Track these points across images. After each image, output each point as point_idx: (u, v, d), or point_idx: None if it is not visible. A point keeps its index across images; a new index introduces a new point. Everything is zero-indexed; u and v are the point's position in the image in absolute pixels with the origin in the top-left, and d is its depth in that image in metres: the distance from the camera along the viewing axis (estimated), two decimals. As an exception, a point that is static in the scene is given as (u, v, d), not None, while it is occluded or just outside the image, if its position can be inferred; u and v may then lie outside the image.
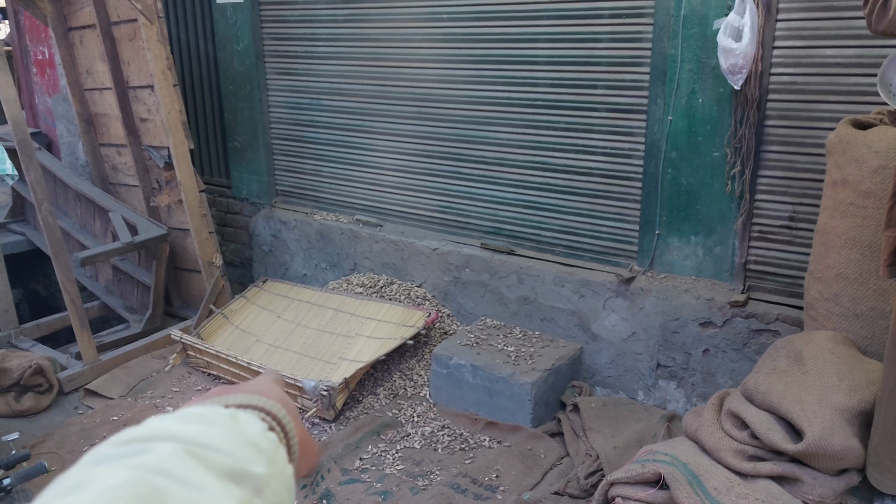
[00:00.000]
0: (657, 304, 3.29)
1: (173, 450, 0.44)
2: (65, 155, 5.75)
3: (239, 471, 0.47)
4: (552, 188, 3.62)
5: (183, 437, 0.46)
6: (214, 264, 4.35)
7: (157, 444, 0.45)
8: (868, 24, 2.02)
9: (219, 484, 0.44)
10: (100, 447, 0.46)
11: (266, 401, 0.57)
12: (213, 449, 0.47)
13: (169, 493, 0.41)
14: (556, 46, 3.43)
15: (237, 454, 0.48)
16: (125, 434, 0.47)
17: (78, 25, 4.60)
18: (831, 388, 2.24)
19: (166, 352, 4.13)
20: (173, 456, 0.44)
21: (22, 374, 3.55)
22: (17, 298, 4.46)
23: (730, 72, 2.85)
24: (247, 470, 0.47)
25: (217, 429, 0.49)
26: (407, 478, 2.98)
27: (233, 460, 0.47)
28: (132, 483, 0.40)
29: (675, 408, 3.34)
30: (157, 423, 0.49)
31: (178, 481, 0.42)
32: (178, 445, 0.45)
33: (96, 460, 0.44)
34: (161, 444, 0.45)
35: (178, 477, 0.42)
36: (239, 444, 0.49)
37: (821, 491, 2.18)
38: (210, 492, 0.43)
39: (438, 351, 3.49)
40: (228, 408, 0.54)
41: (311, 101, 4.47)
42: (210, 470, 0.45)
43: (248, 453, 0.49)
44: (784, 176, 3.00)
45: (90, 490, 0.39)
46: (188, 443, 0.46)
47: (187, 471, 0.43)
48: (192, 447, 0.45)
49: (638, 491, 2.30)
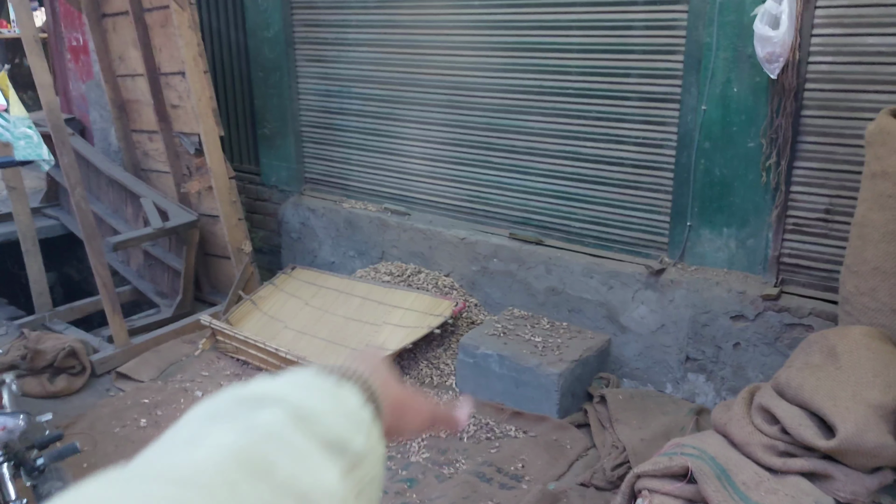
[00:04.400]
0: (687, 296, 3.25)
1: (282, 415, 0.45)
2: (98, 141, 5.83)
3: (340, 442, 0.47)
4: (582, 178, 3.59)
5: (290, 402, 0.47)
6: (243, 251, 4.39)
7: (267, 407, 0.46)
8: None
9: (322, 453, 0.45)
10: (211, 401, 0.47)
11: (362, 372, 0.57)
12: (318, 418, 0.47)
13: (277, 459, 0.42)
14: (588, 34, 3.39)
15: (339, 426, 0.49)
16: (236, 392, 0.48)
17: (111, 12, 4.65)
18: (866, 384, 2.20)
19: (196, 336, 4.19)
20: (282, 422, 0.45)
21: (56, 356, 3.62)
22: (51, 282, 4.55)
23: (766, 60, 2.79)
24: (347, 442, 0.48)
25: (322, 398, 0.50)
26: (432, 466, 2.99)
27: (335, 431, 0.48)
28: (244, 446, 0.41)
29: (704, 401, 3.30)
30: (266, 384, 0.50)
31: (286, 448, 0.43)
32: (287, 412, 0.46)
33: (209, 416, 0.45)
34: (270, 408, 0.46)
35: (285, 443, 0.43)
36: (341, 416, 0.50)
37: (853, 488, 2.14)
38: (314, 461, 0.44)
39: (465, 340, 3.49)
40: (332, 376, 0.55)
41: (341, 88, 4.47)
42: (314, 439, 0.46)
43: (349, 426, 0.50)
44: (821, 167, 2.94)
45: (205, 448, 0.41)
46: (296, 409, 0.47)
47: (294, 438, 0.44)
48: (299, 414, 0.46)
49: (665, 484, 2.27)
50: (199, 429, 0.44)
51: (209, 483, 0.37)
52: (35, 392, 3.60)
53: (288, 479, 0.41)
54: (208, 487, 0.37)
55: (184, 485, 0.36)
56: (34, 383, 3.61)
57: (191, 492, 0.36)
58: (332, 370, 0.56)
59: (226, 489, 0.37)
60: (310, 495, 0.41)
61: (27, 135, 3.28)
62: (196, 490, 0.36)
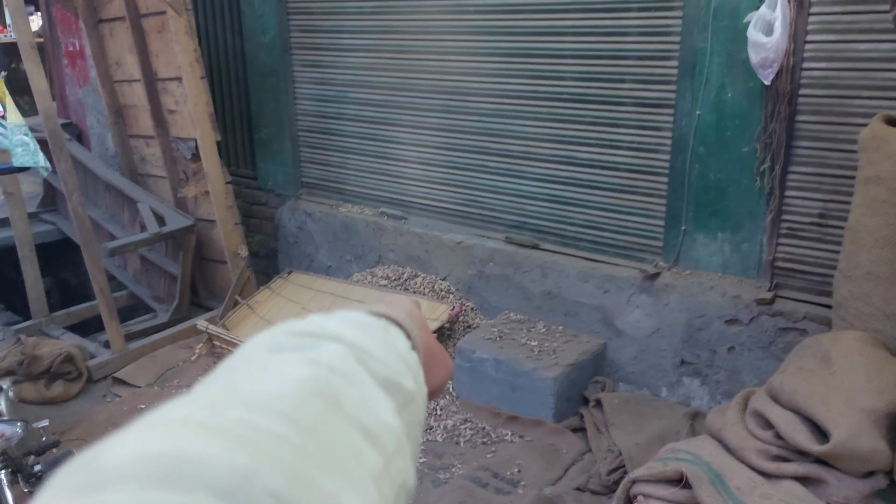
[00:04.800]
0: (682, 300, 3.26)
1: (343, 351, 0.46)
2: (95, 146, 5.84)
3: (394, 381, 0.49)
4: (577, 183, 3.60)
5: (348, 340, 0.48)
6: (240, 255, 4.40)
7: (326, 342, 0.47)
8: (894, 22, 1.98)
9: (378, 391, 0.46)
10: (270, 334, 0.48)
11: (400, 314, 0.58)
12: (374, 356, 0.48)
13: (343, 391, 0.43)
14: (583, 40, 3.40)
15: (393, 365, 0.50)
16: (292, 325, 0.49)
17: (108, 17, 4.65)
18: (859, 390, 2.21)
19: (193, 341, 4.19)
20: (343, 357, 0.46)
21: (52, 362, 3.62)
22: (47, 287, 4.55)
23: (760, 66, 2.80)
24: (400, 382, 0.49)
25: (375, 338, 0.51)
26: (429, 471, 3.00)
27: (390, 371, 0.49)
28: (314, 378, 0.42)
29: (699, 405, 3.31)
30: (321, 321, 0.50)
31: (350, 382, 0.44)
32: (346, 348, 0.47)
33: (272, 347, 0.46)
34: (330, 344, 0.47)
35: (349, 378, 0.44)
36: (393, 357, 0.51)
37: (846, 493, 2.15)
38: (375, 396, 0.45)
39: (462, 344, 3.50)
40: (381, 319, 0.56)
41: (337, 93, 4.48)
42: (372, 376, 0.46)
43: (400, 366, 0.51)
44: (815, 172, 2.95)
45: (279, 377, 0.41)
46: (353, 347, 0.48)
47: (355, 374, 0.45)
48: (357, 352, 0.47)
49: (660, 489, 2.28)
50: (268, 358, 0.44)
51: (289, 411, 0.38)
52: (31, 398, 3.60)
53: (354, 412, 0.42)
54: (289, 415, 0.38)
55: (266, 412, 0.37)
56: (31, 389, 3.61)
57: (273, 419, 0.37)
58: (378, 311, 0.57)
59: (303, 416, 0.38)
60: (372, 429, 0.42)
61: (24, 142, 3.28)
62: (277, 417, 0.37)
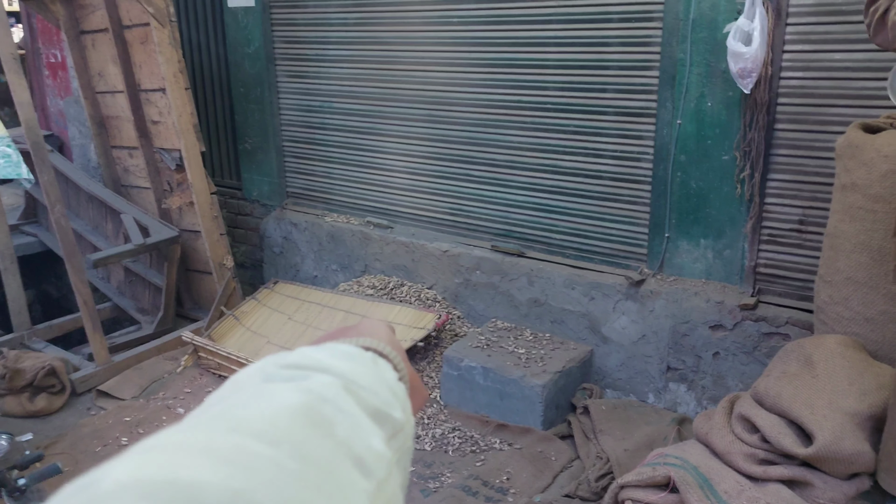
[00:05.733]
0: (667, 306, 3.30)
1: (333, 382, 0.47)
2: (77, 157, 5.80)
3: (383, 412, 0.49)
4: (562, 191, 3.63)
5: (338, 371, 0.49)
6: (225, 266, 4.38)
7: (316, 373, 0.48)
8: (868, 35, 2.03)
9: (368, 421, 0.47)
10: (260, 365, 0.49)
11: (386, 347, 0.59)
12: (363, 387, 0.49)
13: (334, 420, 0.43)
14: (566, 50, 3.45)
15: (382, 396, 0.51)
16: (282, 357, 0.50)
17: (90, 29, 4.63)
18: (842, 392, 2.25)
19: (178, 353, 4.16)
20: (333, 388, 0.46)
21: (35, 375, 3.59)
22: (29, 300, 4.50)
23: (739, 75, 2.86)
24: (389, 413, 0.50)
25: (364, 369, 0.52)
26: (418, 480, 3.00)
27: (379, 401, 0.50)
28: (307, 406, 0.43)
29: (686, 411, 3.34)
30: (311, 353, 0.51)
31: (340, 412, 0.45)
32: (336, 379, 0.48)
33: (264, 378, 0.47)
34: (320, 375, 0.48)
35: (339, 408, 0.45)
36: (382, 388, 0.52)
37: (832, 495, 2.18)
38: (365, 426, 0.46)
39: (449, 353, 3.51)
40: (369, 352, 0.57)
41: (322, 103, 4.49)
42: (361, 407, 0.47)
43: (389, 397, 0.52)
44: (794, 179, 3.01)
45: (273, 403, 0.42)
46: (343, 378, 0.48)
47: (345, 404, 0.46)
48: (346, 382, 0.48)
49: (648, 494, 2.31)
50: (260, 389, 0.45)
51: (283, 437, 0.39)
52: (14, 412, 3.56)
53: (346, 440, 0.43)
54: (283, 441, 0.39)
55: (260, 438, 0.38)
56: (14, 403, 3.57)
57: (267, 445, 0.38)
58: (366, 345, 0.58)
59: (296, 443, 0.39)
60: (363, 457, 0.43)
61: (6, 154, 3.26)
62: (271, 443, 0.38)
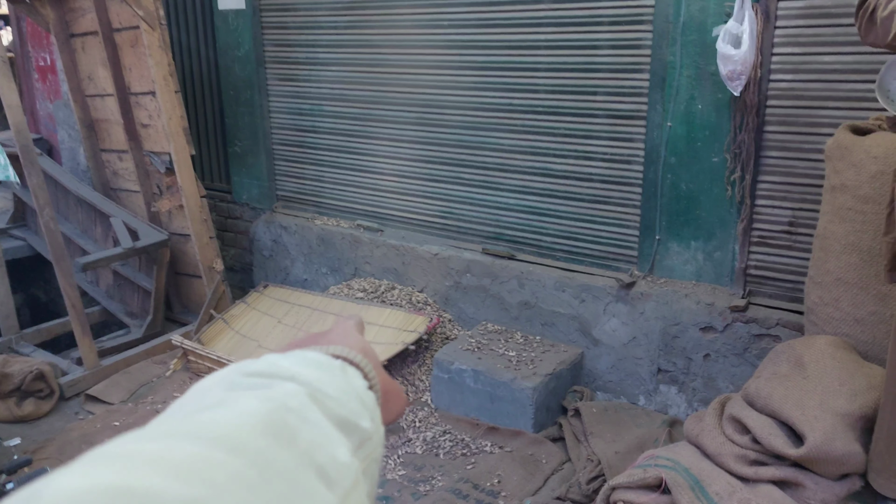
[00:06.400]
0: (657, 308, 3.30)
1: (298, 391, 0.46)
2: (66, 160, 5.76)
3: (350, 421, 0.49)
4: (553, 194, 3.63)
5: (303, 379, 0.48)
6: (215, 269, 4.36)
7: (281, 382, 0.47)
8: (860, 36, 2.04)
9: (334, 430, 0.46)
10: (224, 373, 0.48)
11: (357, 355, 0.58)
12: (330, 396, 0.48)
13: (298, 429, 0.43)
14: (556, 53, 3.45)
15: (349, 405, 0.50)
16: (247, 366, 0.49)
17: (80, 32, 4.61)
18: (832, 393, 2.25)
19: (167, 357, 4.14)
20: (298, 396, 0.46)
21: (23, 380, 3.55)
22: (17, 304, 4.46)
23: (729, 78, 2.86)
24: (356, 422, 0.49)
25: (332, 378, 0.51)
26: (408, 483, 2.99)
27: (346, 410, 0.49)
28: (269, 415, 0.42)
29: (677, 413, 3.34)
30: (277, 360, 0.50)
31: (304, 420, 0.44)
32: (301, 388, 0.47)
33: (227, 385, 0.46)
34: (284, 383, 0.47)
35: (303, 416, 0.44)
36: (349, 397, 0.51)
37: (823, 496, 2.18)
38: (329, 435, 0.45)
39: (440, 356, 3.50)
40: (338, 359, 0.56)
41: (313, 106, 4.48)
42: (327, 416, 0.46)
43: (357, 406, 0.51)
44: (784, 181, 3.02)
45: (234, 411, 0.41)
46: (309, 386, 0.48)
47: (310, 413, 0.45)
48: (312, 391, 0.47)
49: (640, 496, 2.30)
50: (223, 395, 0.44)
51: (243, 446, 0.38)
52: (2, 416, 3.53)
53: (309, 450, 0.42)
54: (242, 450, 0.38)
55: (220, 446, 0.37)
56: (1, 407, 3.54)
57: (227, 453, 0.37)
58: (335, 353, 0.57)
59: (257, 452, 0.38)
60: (326, 467, 0.42)
61: (-6, 156, 3.23)
62: (231, 451, 0.37)
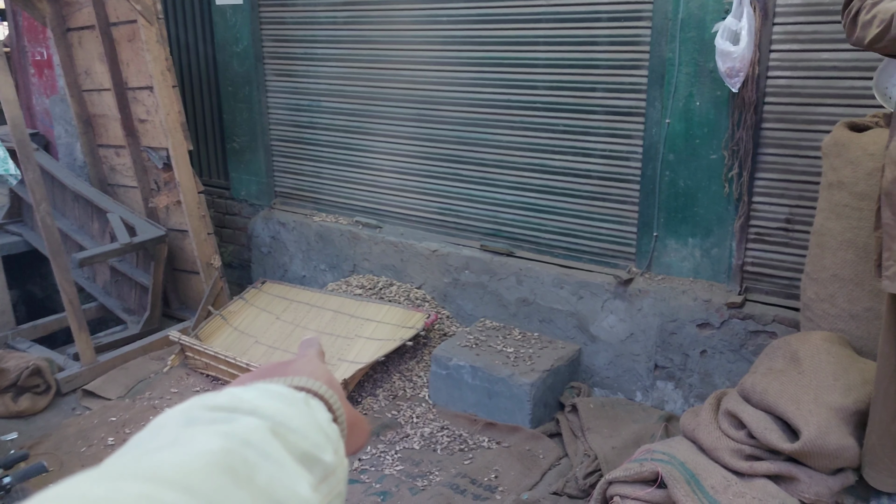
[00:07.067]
0: (655, 305, 3.31)
1: (258, 425, 0.46)
2: (62, 156, 5.75)
3: (312, 456, 0.48)
4: (551, 190, 3.64)
5: (265, 413, 0.48)
6: (213, 265, 4.36)
7: (242, 415, 0.47)
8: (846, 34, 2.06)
9: (295, 465, 0.46)
10: (184, 407, 0.47)
11: (322, 386, 0.58)
12: (292, 430, 0.48)
13: (256, 466, 0.42)
14: (555, 49, 3.46)
15: (312, 439, 0.49)
16: (209, 399, 0.48)
17: (77, 26, 4.60)
18: (827, 388, 2.27)
19: (164, 353, 4.14)
20: (259, 431, 0.45)
21: (19, 375, 3.55)
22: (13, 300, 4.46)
23: (727, 75, 2.87)
24: (319, 456, 0.49)
25: (295, 411, 0.51)
26: (406, 478, 3.00)
27: (308, 444, 0.48)
28: (227, 451, 0.41)
29: (673, 408, 3.35)
30: (240, 393, 0.50)
31: (264, 456, 0.43)
32: (263, 422, 0.46)
33: (185, 421, 0.46)
34: (245, 417, 0.46)
35: (263, 452, 0.44)
36: (313, 430, 0.50)
37: (817, 490, 2.20)
38: (290, 471, 0.45)
39: (438, 352, 3.51)
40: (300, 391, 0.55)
41: (311, 102, 4.48)
42: (288, 450, 0.46)
43: (320, 439, 0.50)
44: (781, 178, 3.03)
45: (189, 450, 0.41)
46: (271, 420, 0.47)
47: (271, 448, 0.45)
48: (274, 425, 0.47)
49: (636, 490, 2.31)
50: (179, 433, 0.44)
51: (196, 486, 0.38)
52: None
53: (267, 487, 0.41)
54: (194, 490, 0.37)
55: (171, 486, 0.36)
56: (-3, 403, 3.54)
57: (178, 494, 0.36)
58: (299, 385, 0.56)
59: (212, 492, 0.38)
60: None
61: (-8, 150, 3.23)
62: (183, 492, 0.36)
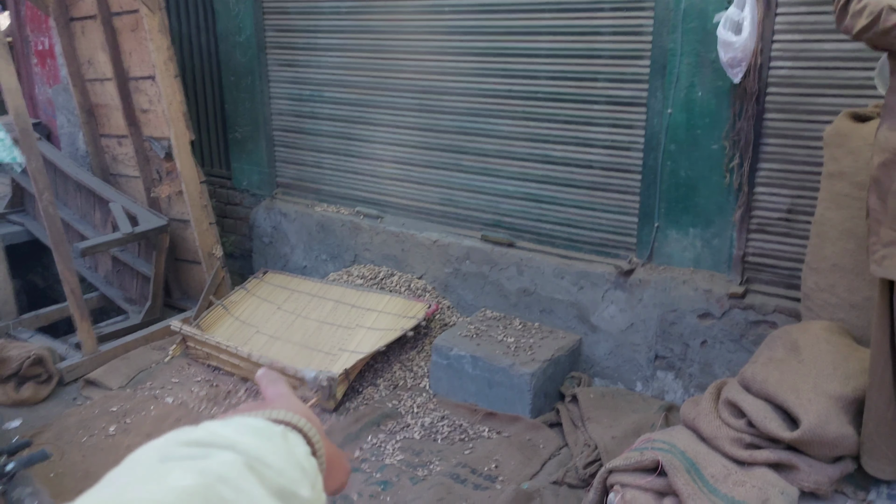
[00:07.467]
0: (655, 295, 3.31)
1: (234, 461, 0.46)
2: (65, 146, 5.76)
3: (288, 491, 0.48)
4: (552, 181, 3.64)
5: (242, 448, 0.48)
6: (214, 255, 4.36)
7: (218, 451, 0.47)
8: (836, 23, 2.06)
9: (271, 500, 0.46)
10: (161, 443, 0.48)
11: (301, 419, 0.58)
12: (269, 465, 0.48)
13: (231, 502, 0.43)
14: (557, 39, 3.45)
15: (288, 474, 0.50)
16: (185, 434, 0.49)
17: (79, 16, 4.60)
18: (826, 377, 2.27)
19: (166, 343, 4.15)
20: (234, 467, 0.46)
21: (21, 364, 3.56)
22: (15, 289, 4.46)
23: (729, 65, 2.87)
24: (295, 491, 0.49)
25: (272, 445, 0.51)
26: (406, 468, 3.01)
27: (285, 480, 0.49)
28: (202, 487, 0.42)
29: (673, 398, 3.36)
30: (217, 428, 0.50)
31: (239, 492, 0.44)
32: (239, 457, 0.47)
33: (161, 457, 0.46)
34: (222, 452, 0.47)
35: (238, 488, 0.44)
36: (290, 465, 0.51)
37: (816, 478, 2.21)
38: None
39: (438, 342, 3.51)
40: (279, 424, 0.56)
41: (313, 92, 4.48)
42: (264, 486, 0.46)
43: (297, 474, 0.51)
44: (782, 168, 3.02)
45: (163, 486, 0.41)
46: (247, 455, 0.47)
47: (246, 484, 0.45)
48: (250, 461, 0.47)
49: (636, 478, 2.32)
50: (154, 468, 0.44)
51: None
52: (0, 400, 3.54)
53: None
54: None
55: None
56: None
57: None
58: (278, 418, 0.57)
59: None
60: None
61: None
62: None
